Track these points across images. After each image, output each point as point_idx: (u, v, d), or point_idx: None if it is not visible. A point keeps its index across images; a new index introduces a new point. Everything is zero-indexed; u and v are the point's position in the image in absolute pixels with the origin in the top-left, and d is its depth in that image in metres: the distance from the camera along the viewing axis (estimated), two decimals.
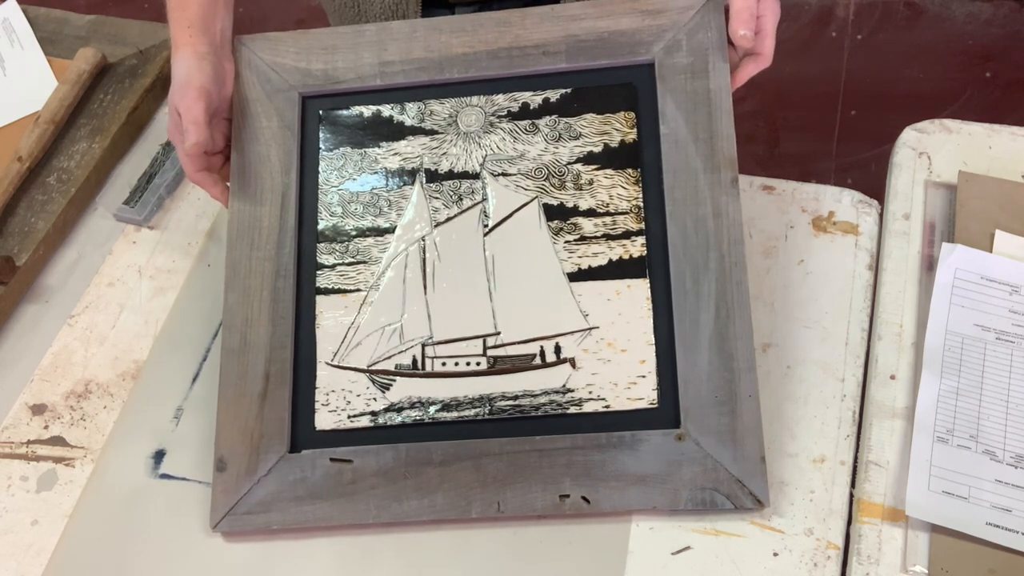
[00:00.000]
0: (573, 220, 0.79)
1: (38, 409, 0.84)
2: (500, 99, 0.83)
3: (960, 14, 2.09)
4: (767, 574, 0.70)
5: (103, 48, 1.04)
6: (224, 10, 0.83)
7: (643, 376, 0.74)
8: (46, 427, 0.83)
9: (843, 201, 0.87)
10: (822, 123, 1.95)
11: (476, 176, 0.81)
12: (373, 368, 0.77)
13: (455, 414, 0.75)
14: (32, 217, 0.93)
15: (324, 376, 0.77)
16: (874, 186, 0.93)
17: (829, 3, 2.14)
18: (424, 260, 0.80)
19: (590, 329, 0.76)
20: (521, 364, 0.76)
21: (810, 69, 2.03)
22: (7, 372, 0.86)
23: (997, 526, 0.69)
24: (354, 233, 0.81)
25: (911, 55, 2.04)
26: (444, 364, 0.77)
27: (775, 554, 0.71)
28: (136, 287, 0.90)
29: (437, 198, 0.81)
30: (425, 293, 0.79)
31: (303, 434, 0.76)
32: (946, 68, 2.01)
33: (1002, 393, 0.75)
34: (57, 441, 0.82)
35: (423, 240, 0.80)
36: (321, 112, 0.84)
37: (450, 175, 0.82)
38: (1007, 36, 2.05)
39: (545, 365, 0.76)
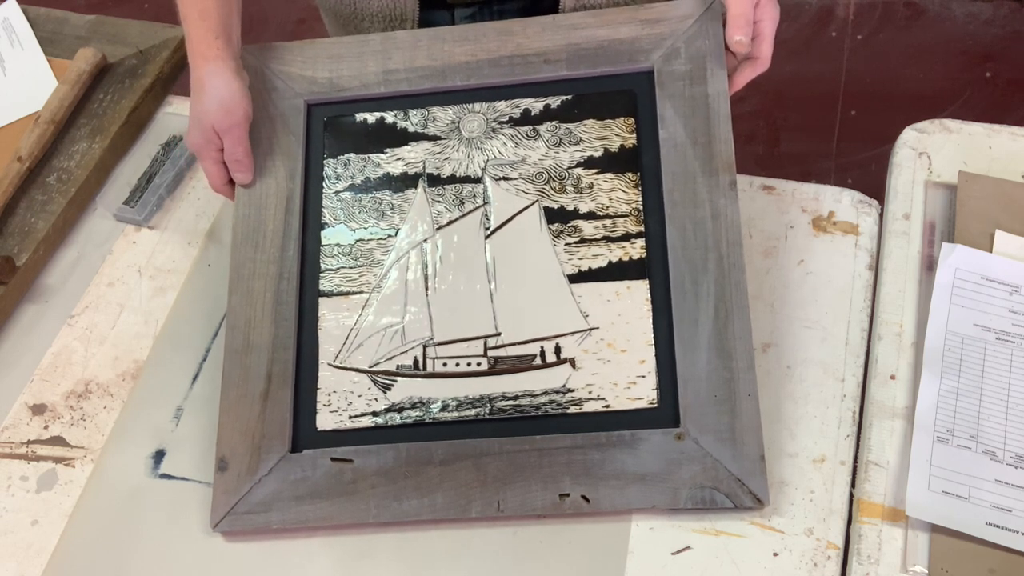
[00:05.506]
0: (573, 223, 0.79)
1: (38, 409, 0.84)
2: (502, 106, 0.83)
3: (960, 14, 2.09)
4: (767, 574, 0.70)
5: (103, 48, 1.03)
6: (238, 18, 0.83)
7: (643, 376, 0.74)
8: (46, 427, 0.83)
9: (843, 201, 0.87)
10: (822, 123, 1.95)
11: (478, 180, 0.81)
12: (375, 369, 0.77)
13: (456, 414, 0.75)
14: (32, 217, 0.93)
15: (326, 377, 0.77)
16: (874, 186, 0.93)
17: (829, 3, 2.14)
18: (426, 263, 0.80)
19: (590, 330, 0.76)
20: (521, 364, 0.76)
21: (810, 69, 2.03)
22: (7, 372, 0.86)
23: (997, 526, 0.69)
24: (357, 237, 0.81)
25: (911, 55, 2.04)
26: (445, 365, 0.77)
27: (775, 554, 0.71)
28: (136, 287, 0.90)
29: (439, 202, 0.81)
30: (427, 295, 0.79)
31: (304, 434, 0.76)
32: (946, 68, 2.01)
33: (1002, 393, 0.75)
34: (57, 441, 0.82)
35: (425, 243, 0.80)
36: (326, 119, 0.85)
37: (452, 179, 0.82)
38: (1007, 36, 2.05)
39: (545, 365, 0.76)
